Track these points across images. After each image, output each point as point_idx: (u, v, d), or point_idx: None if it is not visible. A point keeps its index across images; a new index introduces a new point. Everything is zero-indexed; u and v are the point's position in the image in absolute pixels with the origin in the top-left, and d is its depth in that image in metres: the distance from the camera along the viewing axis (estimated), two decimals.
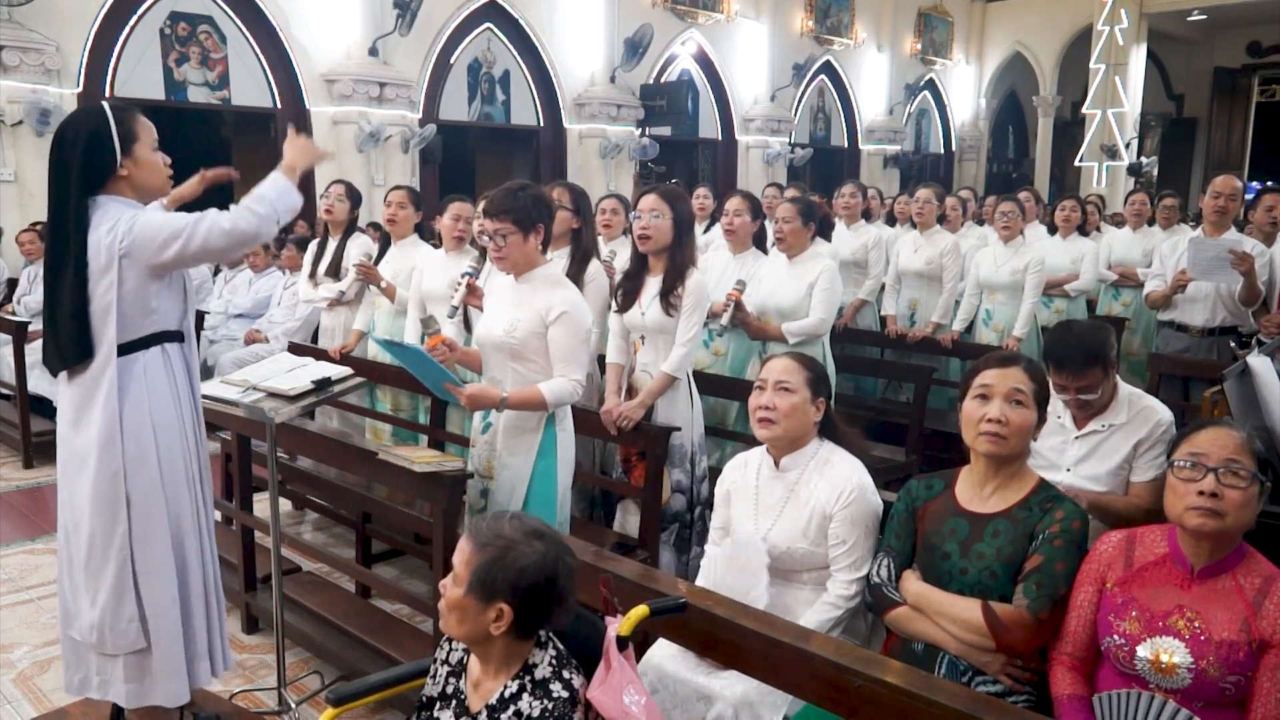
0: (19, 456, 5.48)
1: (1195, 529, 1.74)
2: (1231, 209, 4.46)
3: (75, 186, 2.22)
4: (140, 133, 2.29)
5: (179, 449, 2.35)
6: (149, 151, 2.31)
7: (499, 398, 2.67)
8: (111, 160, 2.24)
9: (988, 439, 2.00)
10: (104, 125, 2.24)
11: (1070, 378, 2.46)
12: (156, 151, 2.34)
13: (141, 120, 2.31)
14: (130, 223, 2.21)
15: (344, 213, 4.73)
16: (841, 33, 13.92)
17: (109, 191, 2.26)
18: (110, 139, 2.23)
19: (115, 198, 2.27)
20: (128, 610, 2.30)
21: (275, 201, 2.32)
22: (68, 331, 2.23)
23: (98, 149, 2.23)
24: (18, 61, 6.94)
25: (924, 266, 5.37)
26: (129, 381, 2.27)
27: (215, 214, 2.27)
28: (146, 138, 2.31)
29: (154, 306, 2.28)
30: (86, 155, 2.23)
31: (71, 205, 2.21)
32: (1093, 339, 2.48)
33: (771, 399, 2.31)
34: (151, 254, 2.21)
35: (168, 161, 2.37)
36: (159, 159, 2.34)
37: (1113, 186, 13.95)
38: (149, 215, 2.25)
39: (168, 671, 2.33)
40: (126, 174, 2.27)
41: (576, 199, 3.65)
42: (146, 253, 2.21)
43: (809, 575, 2.30)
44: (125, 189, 2.29)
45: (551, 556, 1.61)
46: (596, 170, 10.87)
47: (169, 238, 2.21)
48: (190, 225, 2.22)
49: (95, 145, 2.23)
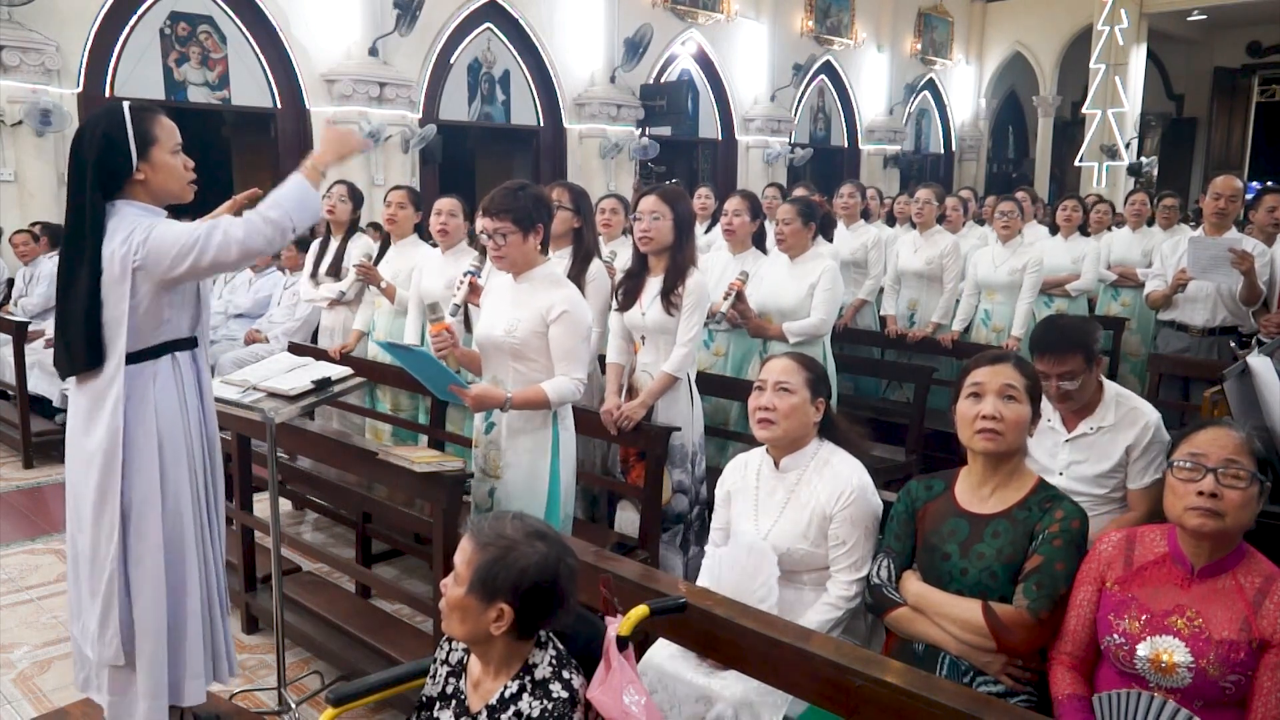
0: (19, 456, 5.47)
1: (1195, 529, 1.74)
2: (1232, 210, 4.46)
3: (90, 190, 2.15)
4: (159, 135, 2.20)
5: (184, 461, 2.31)
6: (167, 155, 2.22)
7: (504, 398, 2.67)
8: (126, 164, 2.16)
9: (983, 436, 2.00)
10: (119, 127, 2.16)
11: (1051, 363, 2.48)
12: (177, 154, 2.25)
13: (162, 121, 2.22)
14: (146, 233, 2.14)
15: (346, 213, 4.74)
16: (841, 33, 13.93)
17: (125, 196, 2.19)
18: (125, 141, 2.15)
19: (132, 203, 2.20)
20: (111, 624, 2.26)
21: (292, 209, 2.22)
22: (79, 338, 2.18)
23: (112, 152, 2.15)
24: (18, 61, 6.93)
25: (924, 267, 5.37)
26: (137, 391, 2.23)
27: (228, 224, 2.18)
28: (166, 140, 2.21)
29: (166, 317, 2.23)
30: (100, 158, 2.15)
31: (87, 210, 2.15)
32: (1076, 328, 2.53)
33: (771, 399, 2.31)
34: (165, 269, 2.14)
35: (189, 165, 2.29)
36: (179, 162, 2.25)
37: (1113, 186, 13.95)
38: (164, 227, 2.17)
39: (148, 692, 2.28)
40: (143, 178, 2.19)
41: (576, 199, 3.65)
42: (160, 267, 2.14)
43: (809, 576, 2.30)
44: (142, 194, 2.21)
45: (553, 557, 1.61)
46: (596, 170, 10.87)
47: (182, 252, 2.13)
48: (203, 238, 2.14)
49: (109, 148, 2.15)
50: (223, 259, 2.17)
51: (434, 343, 2.76)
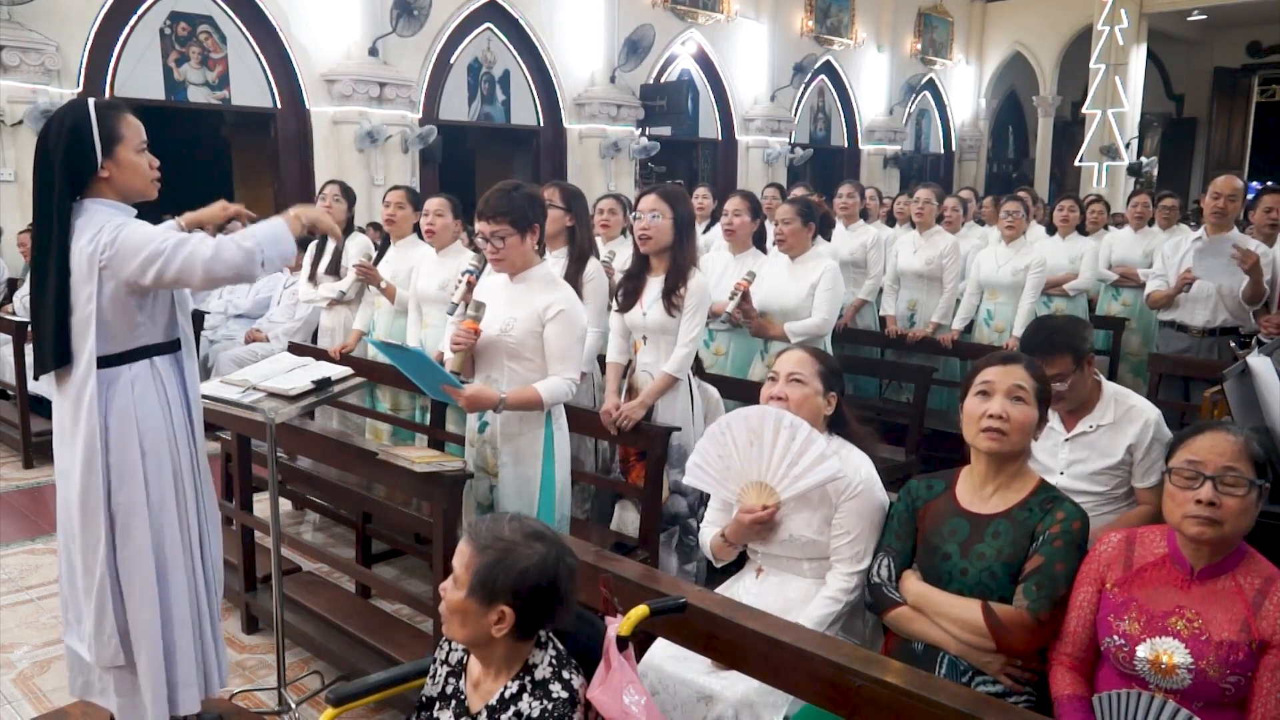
0: (19, 456, 5.48)
1: (1194, 537, 1.74)
2: (1232, 209, 4.46)
3: (59, 188, 2.13)
4: (124, 132, 2.18)
5: (169, 467, 2.29)
6: (132, 153, 2.20)
7: (497, 398, 2.67)
8: (92, 161, 2.14)
9: (988, 435, 2.00)
10: (85, 123, 2.13)
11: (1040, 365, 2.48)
12: (143, 153, 2.23)
13: (127, 119, 2.20)
14: (114, 233, 2.11)
15: (341, 213, 4.74)
16: (841, 33, 13.92)
17: (91, 194, 2.18)
18: (91, 138, 2.13)
19: (99, 200, 2.18)
20: (108, 625, 2.26)
21: (265, 244, 2.19)
22: (49, 336, 2.17)
23: (78, 148, 2.13)
24: (18, 61, 6.94)
25: (924, 267, 5.37)
26: (114, 396, 2.20)
27: (198, 241, 2.15)
28: (132, 137, 2.19)
29: (138, 320, 2.20)
30: (66, 155, 2.13)
31: (54, 208, 2.13)
32: (1064, 329, 2.54)
33: (783, 389, 2.34)
34: (131, 272, 2.11)
35: (155, 164, 2.27)
36: (144, 161, 2.23)
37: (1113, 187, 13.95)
38: (133, 228, 2.14)
39: (154, 694, 2.29)
40: (108, 175, 2.17)
41: (568, 198, 3.65)
42: (126, 270, 2.11)
43: (809, 566, 2.30)
44: (107, 191, 2.19)
45: (552, 558, 1.61)
46: (596, 170, 10.87)
47: (149, 258, 2.10)
48: (170, 249, 2.11)
49: (76, 145, 2.13)
50: (186, 277, 2.14)
51: (458, 337, 2.74)
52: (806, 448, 2.20)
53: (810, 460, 2.20)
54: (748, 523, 2.27)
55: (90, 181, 2.18)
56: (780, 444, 2.23)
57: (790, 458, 2.22)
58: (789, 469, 2.22)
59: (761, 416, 2.28)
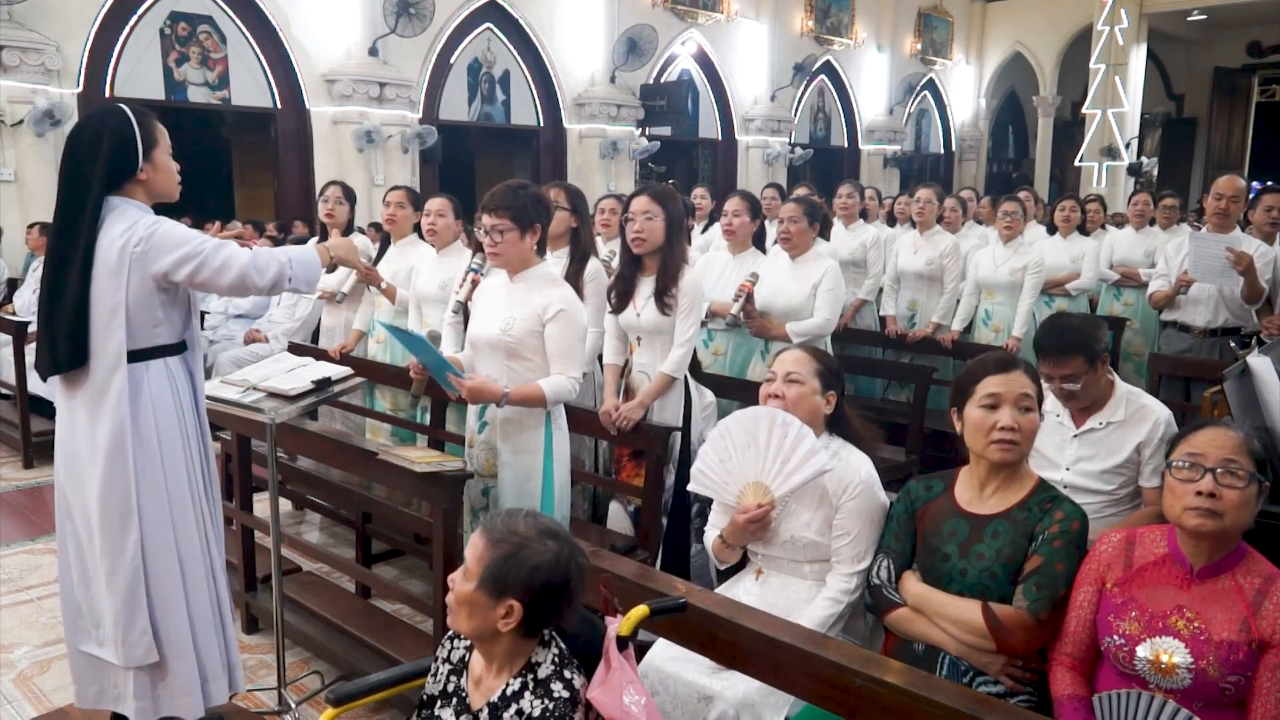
0: (19, 456, 5.48)
1: (1194, 529, 1.74)
2: (1234, 209, 4.46)
3: (97, 185, 2.20)
4: (159, 137, 2.29)
5: (182, 464, 2.32)
6: (166, 156, 2.31)
7: (500, 393, 2.68)
8: (134, 162, 2.24)
9: (1000, 448, 1.99)
10: (128, 127, 2.23)
11: (1052, 365, 2.49)
12: (170, 156, 2.34)
13: (159, 125, 2.31)
14: (150, 228, 2.20)
15: (344, 214, 4.74)
16: (841, 33, 13.93)
17: (123, 193, 2.25)
18: (134, 141, 2.23)
19: (128, 200, 2.25)
20: (140, 622, 2.27)
21: (297, 263, 2.35)
22: (64, 334, 2.19)
23: (122, 150, 2.22)
24: (18, 61, 6.94)
25: (924, 267, 5.37)
26: (137, 393, 2.25)
27: (235, 248, 2.27)
28: (164, 142, 2.31)
29: (160, 317, 2.26)
30: (111, 155, 2.21)
31: (88, 204, 2.19)
32: (1079, 329, 2.51)
33: (780, 388, 2.35)
34: (165, 266, 2.20)
35: (178, 168, 2.38)
36: (173, 165, 2.35)
37: (1113, 186, 13.96)
38: (169, 225, 2.24)
39: (182, 688, 2.30)
40: (145, 177, 2.27)
41: (573, 199, 3.65)
42: (159, 264, 2.19)
43: (810, 568, 2.30)
44: (139, 192, 2.28)
45: (565, 556, 1.61)
46: (596, 170, 10.88)
47: (185, 256, 2.20)
48: (208, 251, 2.22)
49: (120, 146, 2.22)
50: (218, 279, 2.24)
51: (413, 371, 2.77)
52: (798, 444, 2.21)
53: (801, 456, 2.20)
54: (742, 523, 2.27)
55: (124, 182, 2.25)
56: (774, 442, 2.24)
57: (783, 455, 2.22)
58: (782, 465, 2.22)
59: (755, 417, 2.29)
